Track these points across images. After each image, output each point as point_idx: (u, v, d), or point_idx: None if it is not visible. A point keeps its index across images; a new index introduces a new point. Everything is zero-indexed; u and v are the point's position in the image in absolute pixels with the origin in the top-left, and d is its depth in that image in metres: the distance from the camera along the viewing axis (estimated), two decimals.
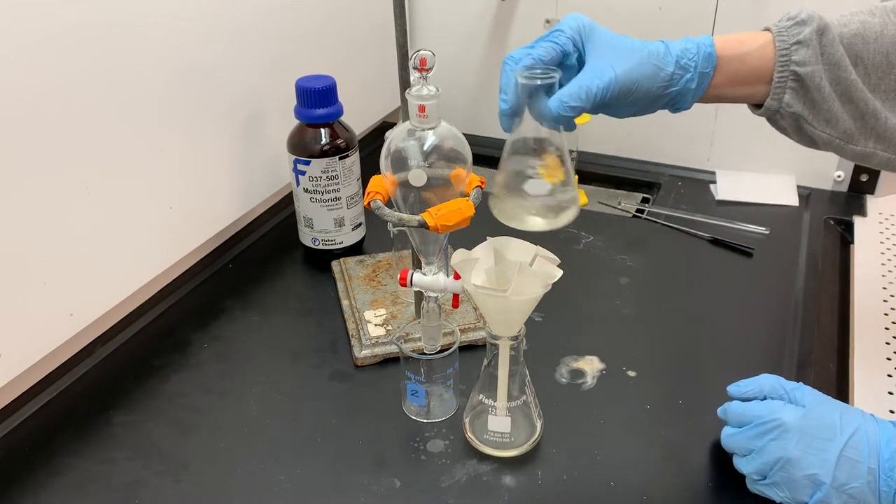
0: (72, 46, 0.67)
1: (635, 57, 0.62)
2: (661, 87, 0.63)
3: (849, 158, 0.65)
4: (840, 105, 0.62)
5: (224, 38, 0.85)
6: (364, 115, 1.15)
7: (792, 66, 0.61)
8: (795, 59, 0.61)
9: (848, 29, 0.61)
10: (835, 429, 0.57)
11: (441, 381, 0.69)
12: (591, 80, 0.61)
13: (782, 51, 0.61)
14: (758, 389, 0.62)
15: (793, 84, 0.62)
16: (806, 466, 0.56)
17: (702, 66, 0.63)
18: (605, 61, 0.62)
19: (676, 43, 0.63)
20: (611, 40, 0.63)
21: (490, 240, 0.61)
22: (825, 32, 0.61)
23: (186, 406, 0.71)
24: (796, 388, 0.61)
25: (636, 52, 0.62)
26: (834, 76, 0.61)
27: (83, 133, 0.70)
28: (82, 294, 0.73)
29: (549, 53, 0.62)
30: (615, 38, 0.63)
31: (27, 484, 0.64)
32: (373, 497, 0.62)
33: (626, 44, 0.63)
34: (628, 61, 0.62)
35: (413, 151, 0.63)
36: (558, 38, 0.63)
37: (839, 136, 0.63)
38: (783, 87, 0.62)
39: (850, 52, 0.61)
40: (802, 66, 0.61)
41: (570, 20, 0.64)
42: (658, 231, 0.98)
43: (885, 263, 0.90)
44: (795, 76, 0.62)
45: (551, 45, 0.62)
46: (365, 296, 0.83)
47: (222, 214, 0.91)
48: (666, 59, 0.62)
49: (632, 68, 0.62)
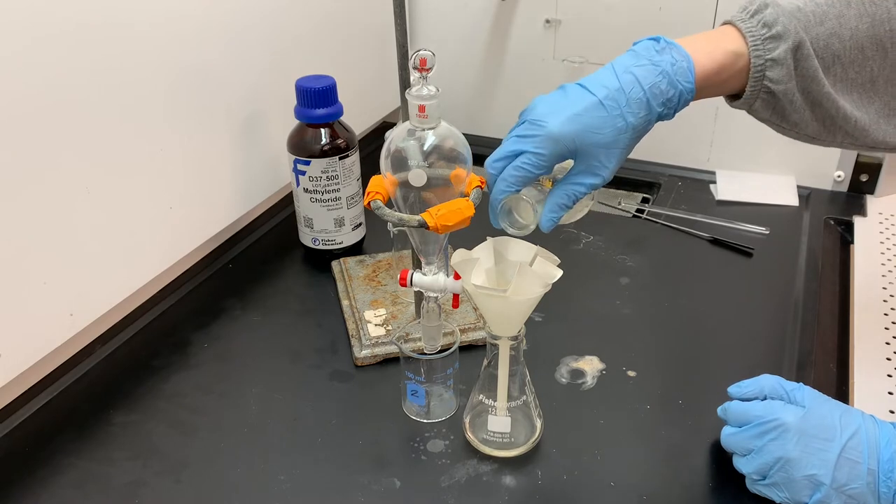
0: (72, 47, 0.67)
1: (620, 142, 0.60)
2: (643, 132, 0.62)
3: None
4: (810, 113, 0.63)
5: (224, 38, 0.85)
6: (364, 115, 1.15)
7: (765, 82, 0.61)
8: (769, 76, 0.61)
9: (824, 28, 0.60)
10: (835, 429, 0.57)
11: (441, 381, 0.69)
12: (578, 190, 0.61)
13: (757, 67, 0.61)
14: (758, 390, 0.62)
15: (764, 96, 0.63)
16: (805, 467, 0.56)
17: (680, 108, 0.62)
18: (592, 170, 0.60)
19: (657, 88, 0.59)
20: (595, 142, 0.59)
21: (490, 240, 0.61)
22: (800, 47, 0.60)
23: (186, 406, 0.71)
24: (796, 388, 0.61)
25: (621, 134, 0.59)
26: (806, 87, 0.61)
27: (83, 133, 0.70)
28: (82, 294, 0.73)
29: (523, 183, 0.61)
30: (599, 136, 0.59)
31: (27, 484, 0.64)
32: (373, 497, 0.62)
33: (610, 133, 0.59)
34: (616, 153, 0.60)
35: (413, 151, 0.63)
36: (535, 167, 0.60)
37: (806, 138, 0.65)
38: (755, 97, 0.63)
39: (827, 53, 0.61)
40: (776, 84, 0.61)
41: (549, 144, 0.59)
42: (658, 231, 0.98)
43: (885, 263, 0.90)
44: (768, 90, 0.62)
45: (527, 174, 0.60)
46: (365, 296, 0.83)
47: (222, 214, 0.91)
48: (648, 119, 0.60)
49: (619, 158, 0.61)
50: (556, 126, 0.58)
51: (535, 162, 0.59)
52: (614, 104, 0.59)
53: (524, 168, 0.60)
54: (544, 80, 1.18)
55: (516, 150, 0.60)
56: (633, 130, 0.60)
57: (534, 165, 0.59)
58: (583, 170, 0.61)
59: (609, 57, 0.63)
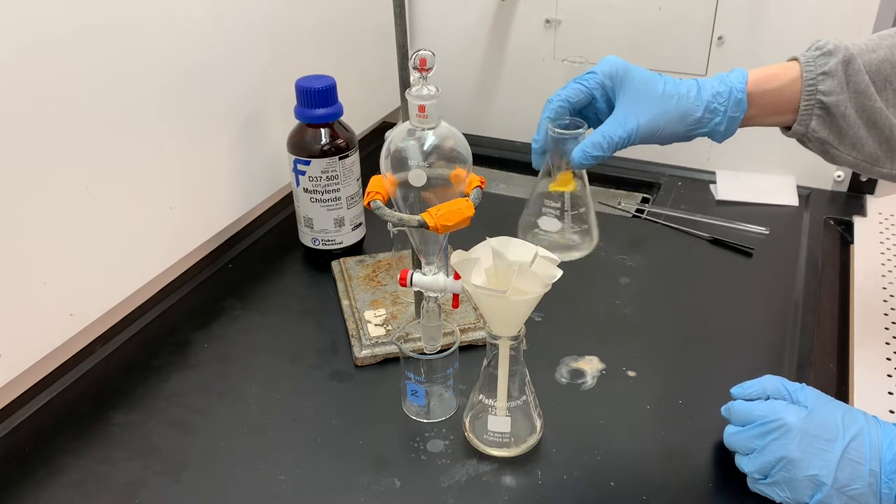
0: (72, 47, 0.67)
1: (662, 105, 0.65)
2: (687, 129, 0.66)
3: (875, 177, 0.68)
4: (866, 131, 0.64)
5: (224, 38, 0.85)
6: (364, 115, 1.15)
7: (818, 96, 0.64)
8: (822, 89, 0.64)
9: (876, 55, 0.64)
10: (837, 430, 0.57)
11: (441, 381, 0.69)
12: (614, 130, 0.65)
13: (809, 81, 0.64)
14: (761, 390, 0.62)
15: (819, 112, 0.65)
16: (807, 467, 0.56)
17: (731, 111, 0.66)
18: (631, 110, 0.65)
19: (709, 84, 0.66)
20: (641, 87, 0.66)
21: (490, 240, 0.61)
22: (851, 62, 0.63)
23: (186, 406, 0.71)
24: (799, 388, 0.61)
25: (664, 99, 0.65)
26: (860, 104, 0.63)
27: (83, 133, 0.70)
28: (82, 294, 0.73)
29: (577, 95, 0.67)
30: (646, 85, 0.66)
31: (27, 484, 0.64)
32: (373, 497, 0.62)
33: (656, 89, 0.66)
34: (654, 109, 0.65)
35: (413, 151, 0.63)
36: (588, 82, 0.67)
37: (864, 159, 0.66)
38: (809, 114, 0.65)
39: (879, 77, 0.64)
40: (828, 96, 0.64)
41: (604, 64, 0.67)
42: (658, 231, 0.98)
43: (885, 263, 0.90)
44: (821, 105, 0.64)
45: (580, 87, 0.67)
46: (365, 296, 0.83)
47: (222, 214, 0.91)
48: (695, 104, 0.65)
49: (656, 116, 0.65)
50: (614, 56, 0.67)
51: (587, 77, 0.67)
52: (662, 77, 0.67)
53: (576, 80, 0.68)
54: (544, 80, 1.18)
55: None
56: (677, 98, 0.65)
57: (586, 79, 0.67)
58: (620, 113, 0.66)
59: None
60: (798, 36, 1.03)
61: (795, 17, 1.02)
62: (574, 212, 0.71)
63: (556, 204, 0.71)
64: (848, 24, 0.99)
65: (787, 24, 1.02)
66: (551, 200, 0.71)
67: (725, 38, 1.06)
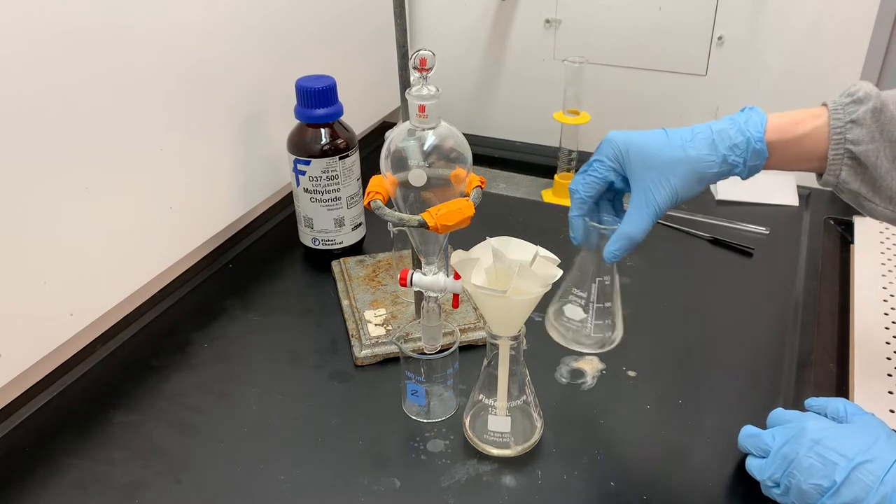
0: (72, 48, 0.67)
1: (675, 172, 0.62)
2: (708, 181, 0.63)
3: None
4: None
5: (224, 38, 0.85)
6: (364, 115, 1.15)
7: (847, 145, 0.61)
8: (850, 138, 0.61)
9: None
10: (857, 450, 0.55)
11: (441, 380, 0.69)
12: (635, 230, 0.63)
13: (837, 129, 0.61)
14: (821, 406, 0.62)
15: (849, 162, 0.62)
16: (814, 476, 0.55)
17: (751, 161, 0.62)
18: (647, 194, 0.63)
19: (725, 135, 0.62)
20: (649, 158, 0.63)
21: (490, 240, 0.61)
22: (883, 110, 0.60)
23: (186, 406, 0.71)
24: (857, 413, 0.60)
25: (676, 165, 0.62)
26: (894, 154, 0.60)
27: (83, 133, 0.70)
28: (82, 294, 0.73)
29: (595, 189, 0.65)
30: (653, 154, 0.63)
31: (27, 484, 0.64)
32: (373, 497, 0.62)
33: (668, 156, 0.62)
34: (669, 182, 0.62)
35: (413, 151, 0.63)
36: (599, 172, 0.64)
37: None
38: (839, 164, 0.62)
39: None
40: (857, 145, 0.61)
41: (606, 146, 0.64)
42: (658, 231, 0.98)
43: (885, 263, 0.90)
44: (851, 154, 0.61)
45: (594, 180, 0.65)
46: (365, 296, 0.83)
47: (222, 214, 0.91)
48: (710, 161, 0.62)
49: (673, 190, 0.62)
50: (614, 133, 0.64)
51: (595, 166, 0.64)
52: (677, 136, 0.63)
53: (587, 172, 0.65)
54: (544, 80, 1.18)
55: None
56: (691, 164, 0.62)
57: (595, 169, 0.64)
58: (636, 202, 0.63)
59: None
60: (798, 36, 1.03)
61: (795, 18, 1.02)
62: (599, 305, 0.68)
63: (583, 294, 0.68)
64: (848, 24, 0.99)
65: (787, 24, 1.02)
66: (579, 290, 0.68)
67: (725, 38, 1.06)
